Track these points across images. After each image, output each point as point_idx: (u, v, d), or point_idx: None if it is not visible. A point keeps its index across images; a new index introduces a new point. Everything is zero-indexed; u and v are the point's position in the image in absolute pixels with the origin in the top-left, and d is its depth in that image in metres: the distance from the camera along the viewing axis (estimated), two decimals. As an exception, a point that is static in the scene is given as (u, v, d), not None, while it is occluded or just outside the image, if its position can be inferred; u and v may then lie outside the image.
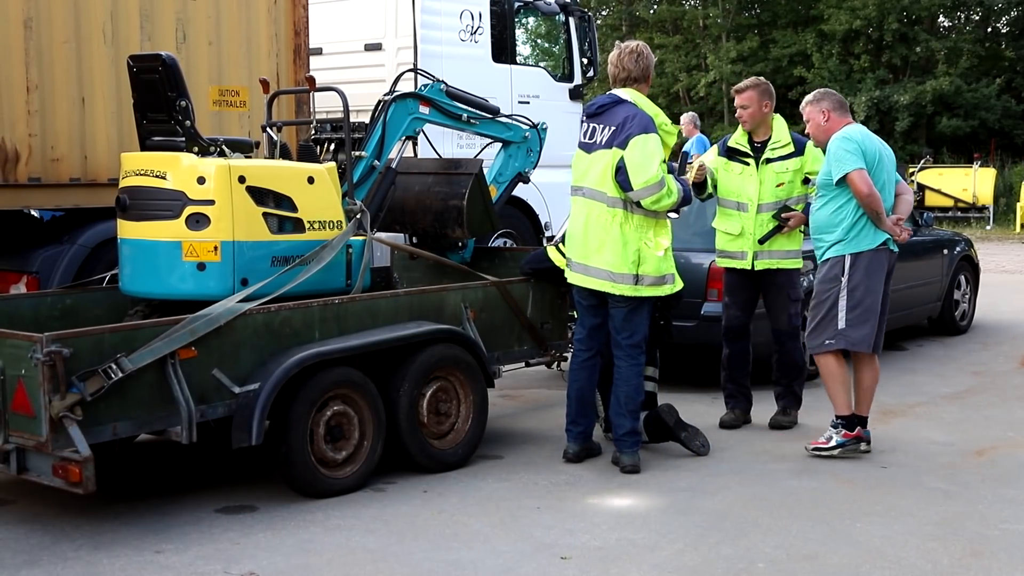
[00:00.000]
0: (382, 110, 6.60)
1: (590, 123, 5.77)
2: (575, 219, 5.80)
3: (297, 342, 5.17)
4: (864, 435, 6.04)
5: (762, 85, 6.73)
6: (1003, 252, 18.40)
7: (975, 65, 27.51)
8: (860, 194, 5.81)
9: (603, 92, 5.86)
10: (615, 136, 5.61)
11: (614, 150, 5.60)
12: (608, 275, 5.64)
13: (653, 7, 32.26)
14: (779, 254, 6.66)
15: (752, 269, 6.66)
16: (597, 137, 5.69)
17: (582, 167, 5.79)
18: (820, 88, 6.48)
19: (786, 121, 6.92)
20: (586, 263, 5.71)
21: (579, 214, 5.77)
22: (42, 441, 4.41)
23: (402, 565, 4.45)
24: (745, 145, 6.72)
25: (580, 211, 5.77)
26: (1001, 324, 10.75)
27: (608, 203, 5.64)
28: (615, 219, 5.62)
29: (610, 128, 5.64)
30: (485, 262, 7.16)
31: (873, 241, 5.91)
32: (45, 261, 7.01)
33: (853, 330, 5.90)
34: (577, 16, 11.93)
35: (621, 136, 5.59)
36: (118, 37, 7.32)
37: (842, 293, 5.91)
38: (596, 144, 5.68)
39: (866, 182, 5.80)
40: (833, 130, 6.07)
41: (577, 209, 5.80)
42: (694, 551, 4.60)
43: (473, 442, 5.90)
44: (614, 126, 5.63)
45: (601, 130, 5.68)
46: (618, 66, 5.80)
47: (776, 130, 6.72)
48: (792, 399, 6.84)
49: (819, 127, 6.16)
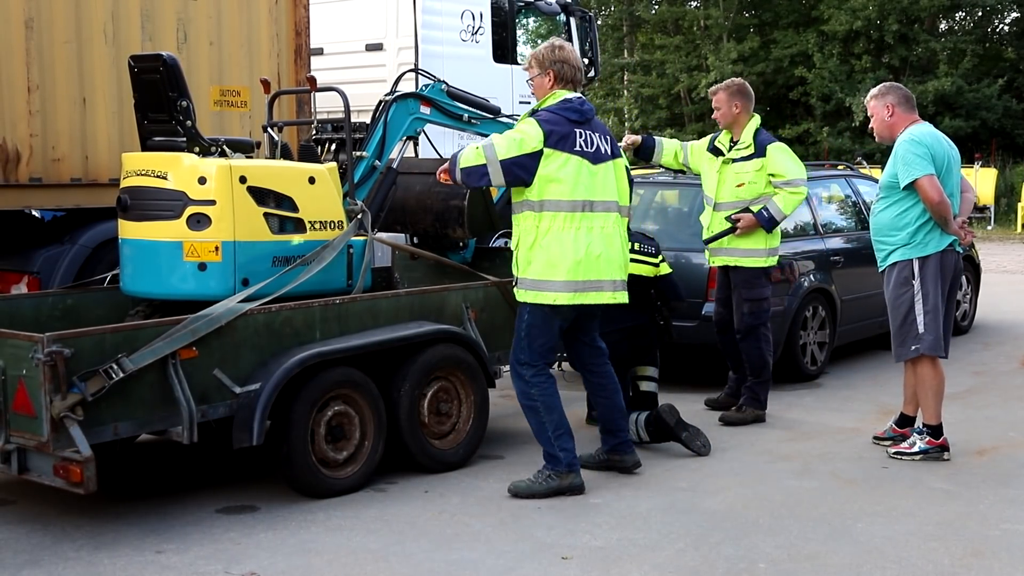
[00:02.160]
0: (383, 110, 6.60)
1: (584, 131, 5.30)
2: (591, 237, 5.24)
3: (298, 342, 5.17)
4: (947, 444, 5.97)
5: (732, 87, 6.94)
6: (1004, 252, 18.40)
7: (976, 65, 27.51)
8: (930, 201, 5.70)
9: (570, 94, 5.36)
10: (613, 145, 5.44)
11: (618, 160, 5.47)
12: (620, 285, 5.39)
13: (654, 7, 32.24)
14: (738, 252, 6.80)
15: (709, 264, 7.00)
16: (600, 146, 5.34)
17: (590, 180, 5.27)
18: (886, 82, 6.34)
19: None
20: (602, 278, 5.28)
21: (595, 230, 5.26)
22: (43, 441, 4.41)
23: (403, 565, 4.45)
24: (725, 144, 6.92)
25: (595, 226, 5.27)
26: (1002, 324, 10.75)
27: (622, 213, 5.45)
28: (622, 227, 5.44)
29: (604, 136, 5.39)
30: (486, 262, 7.15)
31: (939, 244, 5.83)
32: (46, 261, 7.02)
33: (930, 334, 5.84)
34: (578, 16, 11.94)
35: (614, 145, 5.46)
36: (119, 37, 7.32)
37: (917, 298, 5.83)
38: (603, 154, 5.34)
39: (936, 189, 5.69)
40: (898, 126, 5.94)
41: (590, 225, 5.25)
42: (695, 551, 4.60)
43: (474, 442, 5.90)
44: (606, 134, 5.42)
45: (600, 139, 5.36)
46: (575, 66, 5.44)
47: (745, 131, 6.84)
48: (749, 397, 6.91)
49: (883, 123, 6.01)
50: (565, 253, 5.19)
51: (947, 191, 5.78)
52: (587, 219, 5.24)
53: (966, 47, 27.48)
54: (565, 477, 5.31)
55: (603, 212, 5.30)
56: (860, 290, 8.39)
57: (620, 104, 32.09)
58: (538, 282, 5.24)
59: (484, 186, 5.49)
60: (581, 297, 5.25)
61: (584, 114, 5.30)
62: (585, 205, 5.24)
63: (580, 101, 5.33)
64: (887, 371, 7.93)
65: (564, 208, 5.20)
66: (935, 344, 5.86)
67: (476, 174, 5.24)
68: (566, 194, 5.20)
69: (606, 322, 6.30)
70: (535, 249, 5.23)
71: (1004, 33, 30.75)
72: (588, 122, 5.32)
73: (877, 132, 6.11)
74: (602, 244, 5.26)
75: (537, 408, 5.37)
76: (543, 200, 5.19)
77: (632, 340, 6.37)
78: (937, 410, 5.97)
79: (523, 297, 5.33)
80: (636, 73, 31.12)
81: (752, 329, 6.82)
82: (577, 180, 5.21)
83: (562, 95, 5.33)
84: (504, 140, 5.23)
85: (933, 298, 5.82)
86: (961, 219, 5.93)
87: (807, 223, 8.37)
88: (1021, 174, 25.24)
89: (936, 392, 5.96)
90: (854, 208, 9.01)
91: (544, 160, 5.17)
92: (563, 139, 5.19)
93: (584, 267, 5.22)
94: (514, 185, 5.27)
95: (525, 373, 5.38)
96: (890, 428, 6.27)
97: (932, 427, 5.96)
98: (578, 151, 5.23)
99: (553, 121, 5.22)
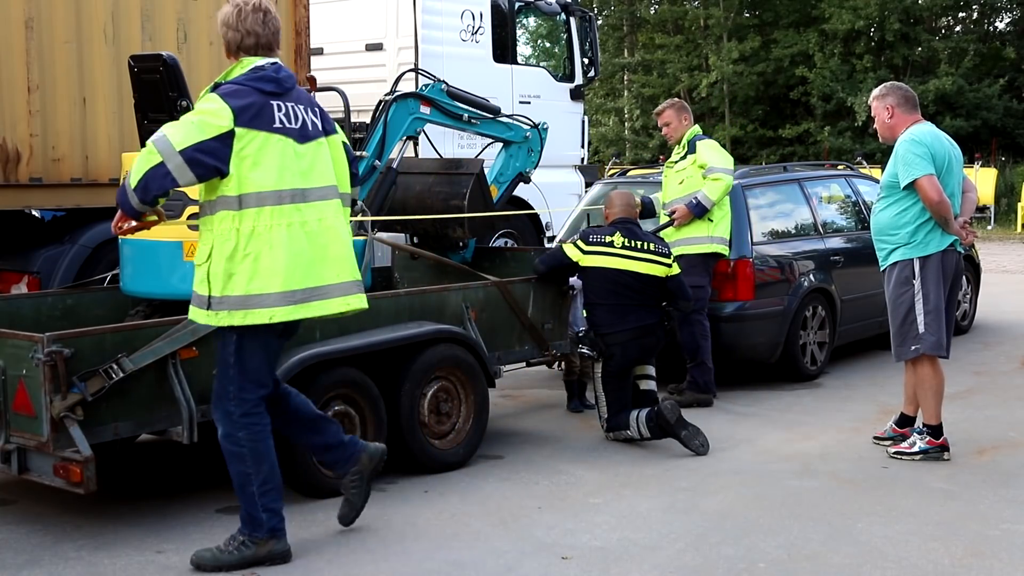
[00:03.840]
0: (383, 110, 6.62)
1: (284, 103, 4.31)
2: (307, 233, 4.27)
3: (298, 342, 5.16)
4: (947, 444, 5.97)
5: (677, 104, 7.70)
6: (1004, 252, 18.40)
7: (977, 65, 27.51)
8: (930, 201, 5.69)
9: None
10: (324, 119, 4.52)
11: (333, 136, 4.53)
12: (354, 287, 4.46)
13: (654, 7, 32.25)
14: (681, 241, 7.28)
15: None
16: (306, 120, 4.38)
17: (299, 164, 4.30)
18: (889, 82, 6.34)
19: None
20: (327, 283, 4.33)
21: (311, 223, 4.29)
22: (43, 441, 4.41)
23: (403, 565, 4.45)
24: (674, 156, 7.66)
25: (311, 219, 4.29)
26: (1002, 324, 10.75)
27: (345, 201, 4.53)
28: (346, 218, 4.53)
29: (310, 108, 4.44)
30: (486, 262, 7.16)
31: (940, 244, 5.82)
32: (46, 261, 7.02)
33: (931, 334, 5.83)
34: (578, 16, 11.94)
35: (326, 119, 4.53)
36: (119, 37, 7.32)
37: (917, 297, 5.82)
38: (312, 130, 4.39)
39: (936, 189, 5.68)
40: (898, 128, 5.93)
41: (304, 219, 4.27)
42: (695, 551, 4.60)
43: (474, 442, 5.91)
44: (313, 106, 4.48)
45: (306, 111, 4.40)
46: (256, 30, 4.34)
47: (684, 138, 7.55)
48: (689, 381, 7.29)
49: (884, 124, 6.01)
50: (277, 257, 4.18)
51: (948, 191, 5.78)
52: (300, 211, 4.25)
53: (967, 46, 27.49)
54: (264, 544, 4.38)
55: (320, 201, 4.33)
56: (860, 290, 8.39)
57: (621, 104, 32.10)
58: (246, 299, 4.19)
59: (170, 189, 4.17)
60: (303, 309, 4.28)
61: (281, 83, 4.32)
62: (296, 195, 4.25)
63: (276, 68, 4.34)
64: (887, 371, 7.93)
65: (269, 201, 4.20)
66: (936, 344, 5.86)
67: (155, 179, 4.11)
68: (270, 183, 4.20)
69: (618, 321, 6.30)
70: (237, 258, 4.17)
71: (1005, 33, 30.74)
72: (288, 93, 4.34)
73: (880, 133, 6.12)
74: (322, 240, 4.31)
75: (244, 456, 4.33)
76: (243, 194, 4.17)
77: (642, 339, 6.36)
78: (937, 410, 5.96)
79: (227, 321, 4.22)
80: (637, 73, 31.13)
81: (686, 315, 7.05)
82: (283, 164, 4.23)
83: (251, 62, 4.32)
84: (180, 126, 4.18)
85: (934, 298, 5.82)
86: (963, 219, 5.93)
87: (807, 223, 8.37)
88: (1021, 174, 25.24)
89: (936, 392, 5.96)
90: (854, 208, 9.01)
91: (237, 142, 4.15)
92: (258, 115, 4.20)
93: (303, 272, 4.25)
94: (206, 178, 4.17)
95: (234, 411, 4.32)
96: (890, 428, 6.27)
97: (932, 427, 5.96)
98: (279, 128, 4.25)
99: (241, 93, 4.20)
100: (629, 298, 6.31)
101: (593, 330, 6.35)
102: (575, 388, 7.22)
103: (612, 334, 6.29)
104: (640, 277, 6.32)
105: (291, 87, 4.37)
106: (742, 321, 7.58)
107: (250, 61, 4.32)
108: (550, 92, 11.52)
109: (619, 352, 6.30)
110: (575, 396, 7.21)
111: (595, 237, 6.39)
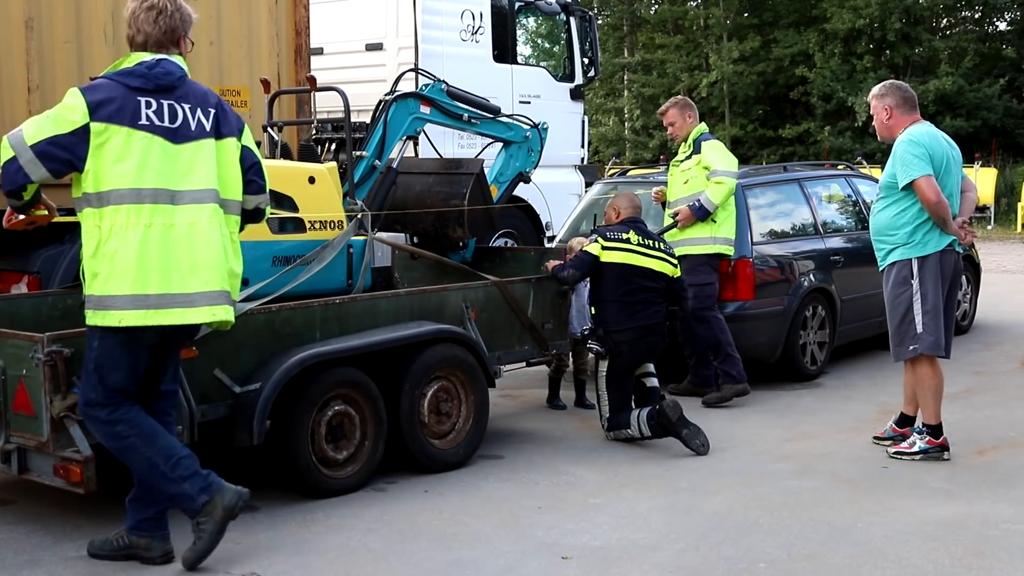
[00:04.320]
0: (383, 110, 6.62)
1: (159, 100, 4.15)
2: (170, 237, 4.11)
3: (298, 342, 5.17)
4: (947, 444, 5.97)
5: (680, 101, 7.68)
6: (1004, 252, 18.40)
7: (977, 64, 27.51)
8: (928, 202, 5.69)
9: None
10: (221, 122, 4.29)
11: (226, 140, 4.30)
12: (222, 298, 4.23)
13: (654, 7, 32.25)
14: (685, 242, 7.31)
15: None
16: (189, 120, 4.20)
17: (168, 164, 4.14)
18: (888, 80, 6.31)
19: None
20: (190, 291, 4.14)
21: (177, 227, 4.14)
22: (43, 441, 4.41)
23: (403, 565, 4.45)
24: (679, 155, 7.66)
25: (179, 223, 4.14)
26: (1002, 324, 10.75)
27: (230, 209, 4.34)
28: (228, 225, 4.32)
29: (205, 109, 4.25)
30: (486, 262, 7.16)
31: (939, 244, 5.82)
32: (46, 261, 7.01)
33: (929, 334, 5.83)
34: (578, 16, 11.95)
35: (231, 121, 4.34)
36: (119, 37, 7.30)
37: (915, 297, 5.82)
38: (194, 131, 4.21)
39: (934, 189, 5.68)
40: (897, 128, 5.93)
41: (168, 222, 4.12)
42: (695, 551, 4.60)
43: (474, 442, 5.91)
44: (210, 107, 4.28)
45: (194, 112, 4.22)
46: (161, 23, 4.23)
47: (690, 137, 7.55)
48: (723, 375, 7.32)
49: (882, 124, 6.01)
50: (128, 259, 4.05)
51: (946, 191, 5.78)
52: (163, 213, 4.10)
53: (967, 46, 27.49)
54: (214, 506, 4.25)
55: (192, 204, 4.17)
56: (860, 290, 8.39)
57: (621, 104, 32.10)
58: (101, 299, 4.09)
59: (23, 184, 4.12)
60: (157, 316, 4.09)
61: (155, 79, 4.14)
62: (159, 195, 4.10)
63: (156, 62, 4.17)
64: (887, 371, 7.93)
65: (128, 199, 4.06)
66: (934, 345, 5.86)
67: (8, 174, 4.08)
68: (129, 181, 4.07)
69: (627, 318, 6.28)
70: (98, 257, 4.09)
71: (1005, 33, 30.74)
72: (168, 90, 4.17)
73: (878, 132, 6.13)
74: (187, 245, 4.13)
75: (134, 445, 4.21)
76: (102, 192, 4.07)
77: (649, 337, 6.38)
78: (937, 410, 5.96)
79: (90, 320, 4.16)
80: (637, 73, 31.13)
81: (698, 313, 7.12)
82: (145, 163, 4.09)
83: (137, 58, 4.20)
84: (35, 120, 4.13)
85: (933, 298, 5.82)
86: (962, 219, 5.93)
87: (807, 223, 8.37)
88: (1021, 174, 25.23)
89: (935, 392, 5.95)
90: (854, 208, 9.01)
91: (95, 138, 4.04)
92: (120, 110, 4.07)
93: (160, 277, 4.08)
94: (60, 173, 4.09)
95: (99, 415, 4.20)
96: (890, 428, 6.27)
97: (932, 427, 5.96)
98: (145, 125, 4.10)
99: (103, 88, 4.11)
100: (640, 295, 6.33)
101: (601, 327, 6.36)
102: (559, 385, 7.33)
103: (620, 331, 6.31)
104: (654, 274, 6.36)
105: (170, 84, 4.18)
106: (742, 321, 7.59)
107: (136, 57, 4.21)
108: (550, 92, 11.53)
109: (627, 350, 6.31)
110: (557, 394, 7.33)
111: (612, 234, 6.40)
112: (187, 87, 4.24)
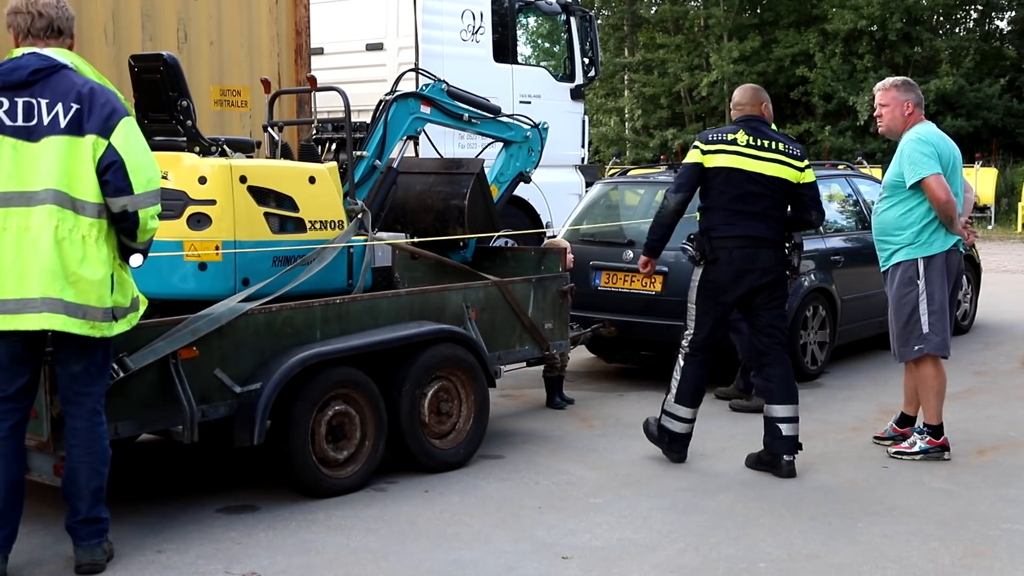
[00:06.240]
0: (383, 110, 6.61)
1: (13, 98, 3.99)
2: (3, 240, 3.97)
3: (299, 342, 5.17)
4: (948, 444, 5.98)
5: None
6: (1005, 252, 18.40)
7: (977, 64, 27.51)
8: (937, 200, 5.69)
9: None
10: (83, 117, 4.03)
11: (86, 137, 4.03)
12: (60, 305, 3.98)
13: (655, 7, 32.25)
14: None
15: None
16: (43, 118, 3.99)
17: (14, 165, 3.97)
18: (899, 77, 6.22)
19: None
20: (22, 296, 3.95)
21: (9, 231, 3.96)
22: (43, 441, 4.42)
23: (403, 565, 4.45)
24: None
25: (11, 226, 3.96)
26: (1003, 324, 10.75)
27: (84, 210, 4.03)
28: (74, 226, 4.01)
29: (62, 104, 4.01)
30: (486, 262, 7.16)
31: (944, 244, 5.82)
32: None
33: (936, 334, 5.83)
34: (578, 16, 11.95)
35: (97, 117, 4.04)
36: (119, 37, 7.32)
37: (921, 297, 5.81)
38: (49, 128, 3.98)
39: (944, 188, 5.68)
40: (909, 125, 5.91)
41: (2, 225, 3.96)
42: (695, 551, 4.60)
43: (474, 442, 5.91)
44: (71, 103, 4.02)
45: (52, 108, 4.00)
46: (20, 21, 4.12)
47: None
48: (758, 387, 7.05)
49: (899, 118, 5.93)
50: None
51: (952, 191, 5.78)
52: (17, 216, 3.96)
53: (968, 46, 27.48)
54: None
55: (22, 207, 3.96)
56: (860, 290, 8.39)
57: (621, 103, 32.10)
58: None
59: None
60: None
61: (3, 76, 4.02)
62: (11, 199, 3.97)
63: (21, 58, 4.06)
64: (887, 371, 7.93)
65: None
66: (940, 345, 5.86)
67: None
68: None
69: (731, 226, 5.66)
70: None
71: (1005, 32, 30.74)
72: (25, 86, 4.00)
73: (886, 124, 6.00)
74: (22, 249, 3.95)
75: None
76: None
77: (752, 250, 5.74)
78: (938, 410, 5.96)
79: None
80: (637, 72, 31.14)
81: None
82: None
83: (16, 53, 4.10)
84: None
85: (939, 298, 5.81)
86: (963, 219, 5.93)
87: (807, 223, 8.36)
88: (1021, 174, 25.24)
89: (938, 392, 5.95)
90: (855, 207, 9.01)
91: None
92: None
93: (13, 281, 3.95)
94: None
95: None
96: (890, 428, 6.27)
97: (933, 427, 5.96)
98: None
99: None
100: (750, 204, 5.62)
101: (704, 233, 5.72)
102: (556, 384, 7.29)
103: (721, 238, 5.64)
104: (766, 180, 5.63)
105: (28, 80, 4.01)
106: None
107: (16, 52, 4.11)
108: (550, 92, 11.52)
109: (723, 257, 5.63)
110: (556, 393, 7.29)
111: (715, 135, 5.74)
112: (52, 81, 4.03)
